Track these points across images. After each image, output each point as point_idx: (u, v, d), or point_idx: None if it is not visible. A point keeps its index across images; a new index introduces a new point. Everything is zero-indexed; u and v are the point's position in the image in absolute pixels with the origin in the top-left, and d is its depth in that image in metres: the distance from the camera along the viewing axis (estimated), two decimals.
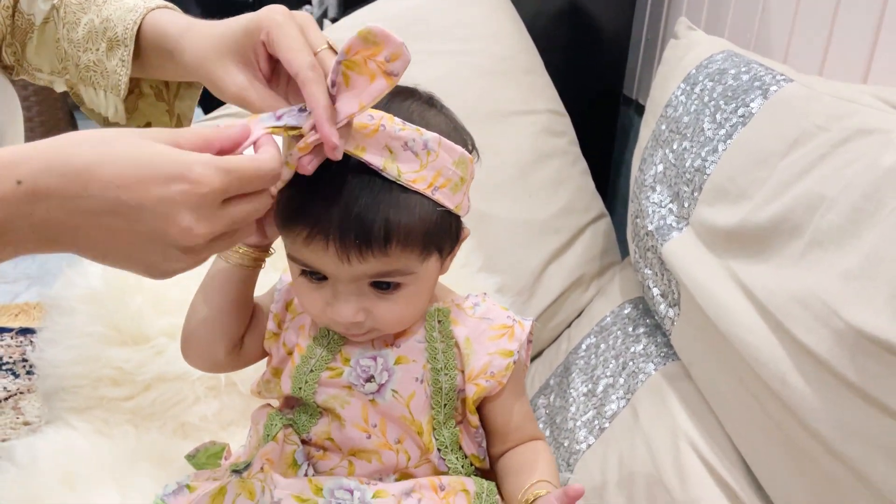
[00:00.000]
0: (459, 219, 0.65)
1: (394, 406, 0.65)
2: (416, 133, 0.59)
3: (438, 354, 0.66)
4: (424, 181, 0.59)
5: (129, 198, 0.44)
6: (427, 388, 0.66)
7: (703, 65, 0.99)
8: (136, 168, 0.44)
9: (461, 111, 0.73)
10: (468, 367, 0.66)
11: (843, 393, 0.57)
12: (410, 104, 0.62)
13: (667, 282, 0.92)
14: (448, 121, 0.65)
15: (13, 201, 0.42)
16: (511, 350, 0.67)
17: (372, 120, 0.57)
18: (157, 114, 0.75)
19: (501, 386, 0.67)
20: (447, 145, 0.61)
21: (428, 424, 0.66)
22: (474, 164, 0.65)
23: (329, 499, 0.62)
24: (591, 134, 1.47)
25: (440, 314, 0.68)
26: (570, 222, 1.28)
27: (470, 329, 0.68)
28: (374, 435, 0.66)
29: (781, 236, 0.70)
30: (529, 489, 0.64)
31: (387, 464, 0.66)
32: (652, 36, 1.53)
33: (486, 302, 0.70)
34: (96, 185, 0.43)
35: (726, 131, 0.85)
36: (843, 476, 0.58)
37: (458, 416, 0.68)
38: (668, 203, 0.96)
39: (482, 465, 0.71)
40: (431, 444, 0.66)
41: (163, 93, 0.75)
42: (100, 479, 0.81)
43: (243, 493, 0.62)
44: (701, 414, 0.82)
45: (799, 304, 0.63)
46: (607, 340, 1.06)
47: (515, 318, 0.69)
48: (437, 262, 0.64)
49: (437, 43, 1.30)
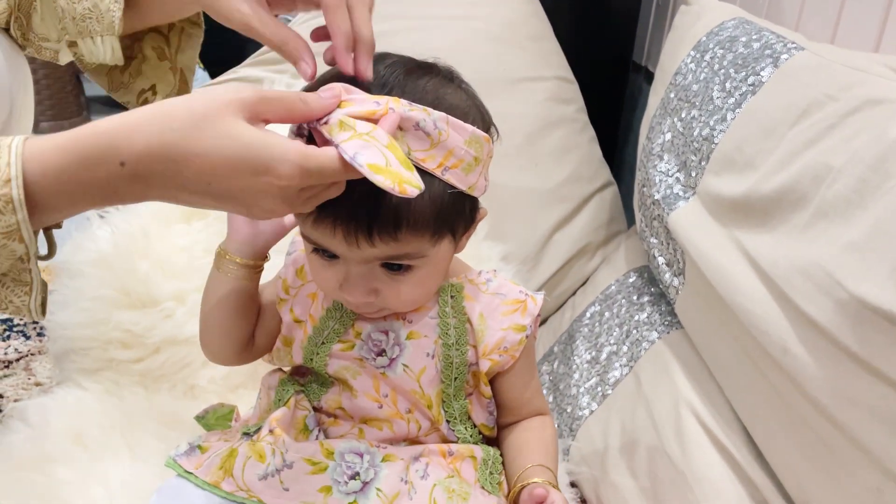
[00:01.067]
0: (475, 199, 0.64)
1: (404, 380, 0.66)
2: (424, 114, 0.57)
3: (450, 330, 0.66)
4: (434, 160, 0.57)
5: (219, 186, 0.48)
6: (438, 364, 0.66)
7: (714, 32, 0.98)
8: (226, 160, 0.48)
9: (468, 77, 0.72)
10: (482, 343, 0.67)
11: (844, 362, 0.58)
12: (426, 82, 0.60)
13: (672, 251, 0.92)
14: (466, 97, 0.63)
15: (118, 180, 0.47)
16: (524, 325, 0.67)
17: (378, 105, 0.55)
18: (161, 73, 0.75)
19: (514, 360, 0.68)
20: (456, 124, 0.58)
21: (437, 398, 0.67)
22: (492, 144, 0.63)
23: (340, 462, 0.64)
24: (600, 101, 1.46)
25: (453, 290, 0.68)
26: (576, 190, 1.28)
27: (483, 305, 0.67)
28: (386, 405, 0.67)
29: (787, 207, 0.70)
30: (524, 473, 0.67)
31: (398, 432, 0.67)
32: (663, 2, 1.50)
33: (497, 278, 0.70)
34: (190, 172, 0.47)
35: (735, 100, 0.85)
36: (841, 444, 0.59)
37: (469, 389, 0.69)
38: (675, 172, 0.95)
39: (491, 433, 0.72)
40: (440, 416, 0.67)
41: (164, 51, 0.75)
42: (110, 439, 0.82)
43: (254, 455, 0.63)
44: (703, 382, 0.83)
45: (802, 275, 0.63)
46: (612, 309, 1.07)
47: (528, 293, 0.69)
48: (450, 243, 0.63)
49: (444, 8, 1.29)
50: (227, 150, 0.48)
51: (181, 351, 0.95)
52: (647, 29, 1.57)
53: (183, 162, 0.47)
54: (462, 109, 0.60)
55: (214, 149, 0.47)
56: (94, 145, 0.47)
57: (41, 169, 0.46)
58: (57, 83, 2.89)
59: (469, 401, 0.69)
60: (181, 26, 0.74)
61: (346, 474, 0.63)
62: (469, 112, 0.61)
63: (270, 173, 0.48)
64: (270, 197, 0.49)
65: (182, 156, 0.47)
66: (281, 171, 0.48)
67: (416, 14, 1.27)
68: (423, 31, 1.26)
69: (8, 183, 0.45)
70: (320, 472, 0.63)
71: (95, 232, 0.99)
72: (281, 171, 0.48)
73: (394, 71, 0.60)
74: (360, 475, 0.63)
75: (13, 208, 0.45)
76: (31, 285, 0.49)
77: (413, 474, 0.64)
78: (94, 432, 0.83)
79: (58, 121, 2.96)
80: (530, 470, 0.67)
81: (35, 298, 0.49)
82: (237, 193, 0.49)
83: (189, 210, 1.02)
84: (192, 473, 0.64)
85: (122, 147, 0.47)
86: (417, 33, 1.25)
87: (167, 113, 0.48)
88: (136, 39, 0.73)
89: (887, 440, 0.55)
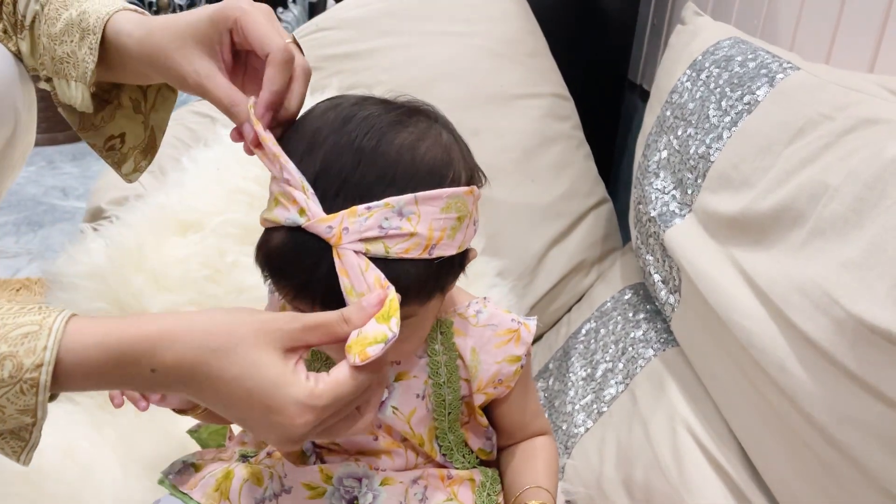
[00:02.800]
0: (464, 251, 0.60)
1: (394, 422, 0.65)
2: (387, 209, 0.53)
3: (440, 368, 0.65)
4: (418, 247, 0.54)
5: (234, 412, 0.50)
6: (429, 403, 0.65)
7: (710, 51, 0.99)
8: (244, 392, 0.48)
9: (465, 93, 0.72)
10: (475, 379, 0.65)
11: (841, 381, 0.58)
12: (402, 139, 0.56)
13: (668, 268, 0.92)
14: (443, 150, 0.58)
15: (143, 382, 0.48)
16: (518, 355, 0.66)
17: (332, 231, 0.53)
18: (133, 125, 0.75)
19: (510, 389, 0.67)
20: (427, 198, 0.54)
21: (429, 434, 0.66)
22: (476, 192, 0.59)
23: (338, 486, 0.63)
24: (595, 119, 1.46)
25: (442, 326, 0.66)
26: (572, 207, 1.28)
27: (475, 339, 0.66)
28: (381, 436, 0.66)
29: (784, 225, 0.70)
30: (522, 495, 0.66)
31: (396, 461, 0.66)
32: (658, 21, 1.52)
33: (488, 307, 0.68)
34: (209, 393, 0.49)
35: (731, 118, 0.85)
36: (839, 463, 0.59)
37: (465, 418, 0.69)
38: (671, 189, 0.96)
39: (489, 457, 0.71)
40: (434, 451, 0.67)
41: (140, 105, 0.76)
42: (101, 454, 0.81)
43: (251, 478, 0.62)
44: (699, 400, 0.83)
45: (800, 293, 0.63)
46: (607, 325, 1.07)
47: (520, 320, 0.67)
48: (439, 297, 0.61)
49: (442, 24, 1.29)
50: (248, 381, 0.48)
51: None
52: (643, 48, 1.58)
53: (206, 382, 0.48)
54: (437, 170, 0.56)
55: (235, 379, 0.48)
56: (134, 348, 0.48)
57: (76, 361, 0.47)
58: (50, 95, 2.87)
59: (465, 429, 0.68)
60: (158, 87, 0.75)
61: (345, 498, 0.62)
62: (446, 168, 0.57)
63: (282, 414, 0.49)
64: (279, 436, 0.50)
65: (206, 377, 0.48)
66: (290, 412, 0.49)
67: (414, 30, 1.28)
68: (421, 48, 1.26)
69: (39, 368, 0.45)
70: (318, 497, 0.62)
71: (89, 245, 0.99)
72: (290, 412, 0.49)
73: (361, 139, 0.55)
74: (359, 499, 0.62)
75: (37, 391, 0.46)
76: (28, 444, 0.49)
77: (412, 497, 0.63)
78: (85, 447, 0.82)
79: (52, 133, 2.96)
80: (528, 492, 0.66)
81: (28, 452, 0.49)
82: (251, 423, 0.50)
83: (184, 223, 1.01)
84: (187, 494, 0.63)
85: (158, 355, 0.48)
86: (415, 49, 1.26)
87: (209, 330, 0.49)
88: (116, 87, 0.74)
89: (885, 459, 0.55)
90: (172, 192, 1.04)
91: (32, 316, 0.46)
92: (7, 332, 0.46)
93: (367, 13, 1.28)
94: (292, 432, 0.49)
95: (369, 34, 1.26)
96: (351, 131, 0.55)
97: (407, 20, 1.28)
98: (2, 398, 0.45)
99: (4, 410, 0.46)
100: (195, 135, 1.20)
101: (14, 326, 0.46)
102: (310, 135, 0.56)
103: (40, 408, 0.46)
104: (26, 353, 0.45)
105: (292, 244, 0.54)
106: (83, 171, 2.67)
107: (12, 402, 0.46)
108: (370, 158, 0.54)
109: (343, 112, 0.57)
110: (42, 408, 0.46)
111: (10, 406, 0.46)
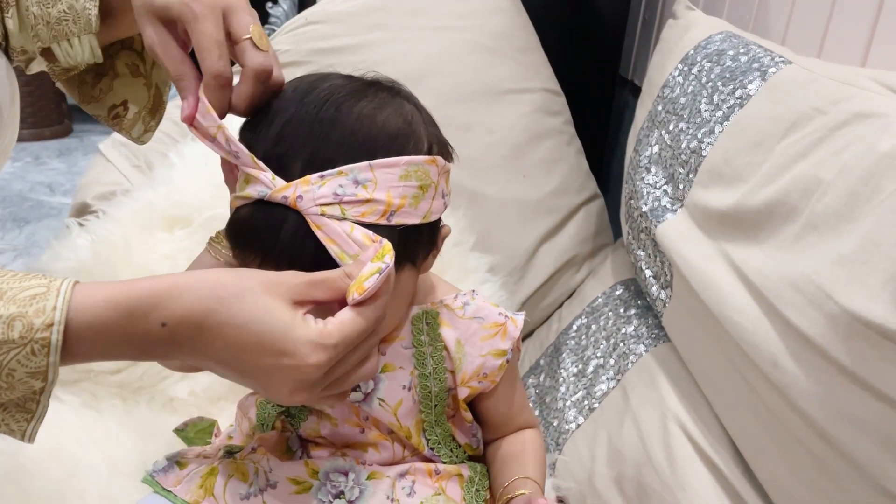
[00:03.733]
0: (434, 223, 0.61)
1: (381, 414, 0.64)
2: (341, 177, 0.54)
3: (426, 359, 0.64)
4: (376, 213, 0.54)
5: (246, 360, 0.49)
6: (415, 395, 0.65)
7: (702, 45, 0.98)
8: (255, 337, 0.49)
9: (456, 88, 0.72)
10: (460, 371, 0.65)
11: (835, 377, 0.57)
12: (361, 108, 0.57)
13: (659, 263, 0.91)
14: (404, 121, 0.58)
15: (153, 340, 0.48)
16: (504, 349, 0.66)
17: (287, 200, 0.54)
18: (134, 90, 0.75)
19: (495, 384, 0.67)
20: (382, 165, 0.55)
21: (416, 426, 0.66)
22: (442, 161, 0.59)
23: (324, 481, 0.62)
24: (586, 114, 1.46)
25: (428, 317, 0.65)
26: (563, 202, 1.28)
27: (461, 331, 0.65)
28: (368, 428, 0.66)
29: (776, 219, 0.70)
30: (509, 486, 0.65)
31: (383, 454, 0.66)
32: (649, 16, 1.51)
33: (476, 300, 0.67)
34: (220, 343, 0.49)
35: (723, 113, 0.85)
36: (832, 459, 0.59)
37: (451, 411, 0.68)
38: (662, 184, 0.95)
39: (475, 452, 0.71)
40: (421, 444, 0.66)
41: (139, 67, 0.75)
42: (87, 452, 0.80)
43: (236, 474, 0.62)
44: (690, 396, 0.82)
45: (793, 288, 0.63)
46: (598, 321, 1.06)
47: (508, 314, 0.67)
48: (411, 269, 0.60)
49: (432, 19, 1.28)
50: (258, 325, 0.49)
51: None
52: (634, 43, 1.58)
53: (216, 331, 0.48)
54: (397, 138, 0.57)
55: (246, 323, 0.49)
56: (143, 302, 0.47)
57: (86, 320, 0.46)
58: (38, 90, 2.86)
59: (452, 423, 0.68)
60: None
61: (331, 493, 0.62)
62: (405, 137, 0.57)
63: (293, 356, 0.49)
64: (291, 381, 0.50)
65: (216, 324, 0.48)
66: (301, 353, 0.49)
67: (405, 25, 1.27)
68: (412, 42, 1.26)
69: (49, 328, 0.45)
70: (304, 492, 0.62)
71: (75, 240, 0.98)
72: (301, 353, 0.49)
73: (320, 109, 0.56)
74: (345, 494, 0.62)
75: (48, 352, 0.45)
76: (35, 414, 0.48)
77: (399, 492, 0.63)
78: (70, 445, 0.81)
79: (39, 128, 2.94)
80: (516, 482, 0.65)
81: (34, 426, 0.49)
82: (262, 373, 0.50)
83: (171, 218, 1.00)
84: (171, 492, 0.62)
85: (168, 307, 0.48)
86: (406, 44, 1.25)
87: (218, 280, 0.50)
88: (109, 56, 0.73)
89: (879, 456, 0.55)
90: (159, 188, 1.03)
91: (38, 280, 0.47)
92: (14, 294, 0.45)
93: (356, 7, 1.27)
94: (305, 375, 0.49)
95: (359, 28, 1.25)
96: (309, 103, 0.56)
97: (397, 14, 1.27)
98: (12, 360, 0.45)
99: (14, 374, 0.45)
100: (182, 129, 1.19)
101: (21, 289, 0.46)
102: (271, 108, 0.57)
103: (51, 369, 0.46)
104: (36, 314, 0.45)
105: (256, 215, 0.55)
106: (69, 166, 2.65)
107: (23, 365, 0.45)
108: (328, 128, 0.55)
109: (304, 85, 0.58)
110: (53, 369, 0.46)
111: (20, 369, 0.45)
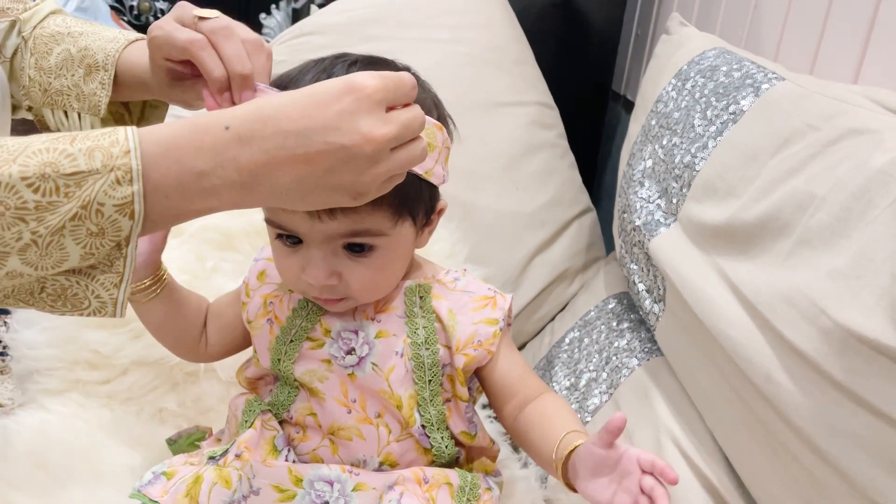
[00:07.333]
0: (435, 188, 0.66)
1: (373, 379, 0.66)
2: None
3: (419, 329, 0.67)
4: None
5: (315, 122, 0.48)
6: (408, 363, 0.66)
7: (695, 61, 0.99)
8: (312, 97, 0.49)
9: (450, 100, 0.73)
10: (454, 338, 0.67)
11: (828, 391, 0.57)
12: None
13: (652, 277, 0.91)
14: (421, 90, 0.64)
15: (222, 146, 0.48)
16: (495, 318, 0.68)
17: None
18: None
19: (491, 354, 0.68)
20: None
21: (410, 399, 0.66)
22: (446, 134, 0.66)
23: (309, 490, 0.62)
24: (579, 128, 1.46)
25: (421, 290, 0.69)
26: (556, 215, 1.28)
27: (452, 302, 0.69)
28: (354, 410, 0.66)
29: (770, 234, 0.70)
30: (563, 441, 0.62)
31: (368, 440, 0.66)
32: (642, 32, 1.52)
33: (466, 276, 0.72)
34: (286, 122, 0.48)
35: (717, 128, 0.85)
36: (825, 474, 0.58)
37: (447, 394, 0.68)
38: (656, 199, 0.95)
39: (472, 441, 0.70)
40: (413, 418, 0.66)
41: (124, 117, 0.78)
42: (75, 464, 0.79)
43: (220, 481, 0.61)
44: (683, 410, 0.82)
45: (786, 303, 0.63)
46: (591, 335, 1.06)
47: (496, 290, 0.71)
48: (410, 227, 0.65)
49: (427, 31, 1.28)
50: (310, 90, 0.50)
51: (150, 373, 0.92)
52: (626, 58, 1.59)
53: (278, 113, 0.49)
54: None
55: (299, 93, 0.50)
56: (202, 115, 0.49)
57: (155, 140, 0.47)
58: None
59: (447, 408, 0.68)
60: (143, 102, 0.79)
61: (315, 503, 0.61)
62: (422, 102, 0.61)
63: (353, 88, 0.49)
64: (363, 115, 0.49)
65: (276, 108, 0.49)
66: (358, 80, 0.49)
67: (398, 36, 1.27)
68: (408, 53, 1.25)
69: (127, 154, 0.45)
70: (288, 500, 0.62)
71: None
72: (358, 80, 0.49)
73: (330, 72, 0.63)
74: None
75: (131, 178, 0.45)
76: (123, 276, 0.48)
77: None
78: (57, 457, 0.80)
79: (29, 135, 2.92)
80: (569, 436, 0.62)
81: (123, 293, 0.48)
82: (335, 122, 0.49)
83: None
84: (156, 502, 0.62)
85: (226, 112, 0.49)
86: (400, 56, 1.24)
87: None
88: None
89: (872, 470, 0.55)
90: None
91: (100, 129, 0.47)
92: (86, 133, 0.46)
93: (351, 18, 1.28)
94: (371, 102, 0.49)
95: (353, 40, 1.25)
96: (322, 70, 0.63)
97: (391, 26, 1.28)
98: (99, 192, 0.45)
99: (103, 210, 0.45)
100: None
101: (89, 133, 0.47)
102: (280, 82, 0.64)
103: (137, 201, 0.46)
104: (111, 144, 0.45)
105: None
106: None
107: (110, 196, 0.45)
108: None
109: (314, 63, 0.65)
110: (139, 202, 0.46)
111: (108, 202, 0.45)
